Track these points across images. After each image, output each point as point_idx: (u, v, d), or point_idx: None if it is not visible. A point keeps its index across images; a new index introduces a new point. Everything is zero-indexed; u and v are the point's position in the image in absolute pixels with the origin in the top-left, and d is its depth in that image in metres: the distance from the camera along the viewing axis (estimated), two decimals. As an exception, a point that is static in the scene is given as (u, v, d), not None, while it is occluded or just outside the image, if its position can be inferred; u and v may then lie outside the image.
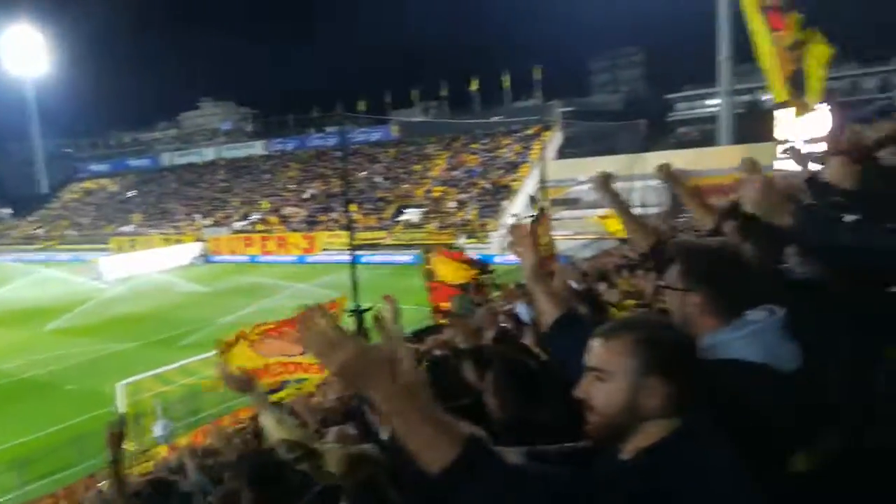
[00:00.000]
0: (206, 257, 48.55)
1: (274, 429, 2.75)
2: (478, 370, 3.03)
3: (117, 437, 3.12)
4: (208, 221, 55.13)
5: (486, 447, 1.20)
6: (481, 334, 3.53)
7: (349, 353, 1.16)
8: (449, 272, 9.17)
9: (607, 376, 1.37)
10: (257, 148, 65.98)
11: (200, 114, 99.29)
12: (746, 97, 64.14)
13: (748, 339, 1.64)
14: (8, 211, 71.98)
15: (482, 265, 9.89)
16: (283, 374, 9.06)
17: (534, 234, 2.48)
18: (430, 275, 9.24)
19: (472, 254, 12.49)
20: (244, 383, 2.95)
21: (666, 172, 3.27)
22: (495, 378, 2.58)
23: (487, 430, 1.70)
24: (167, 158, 71.88)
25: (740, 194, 1.80)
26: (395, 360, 1.18)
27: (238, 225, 53.02)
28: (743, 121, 51.25)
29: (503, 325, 5.10)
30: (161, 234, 54.66)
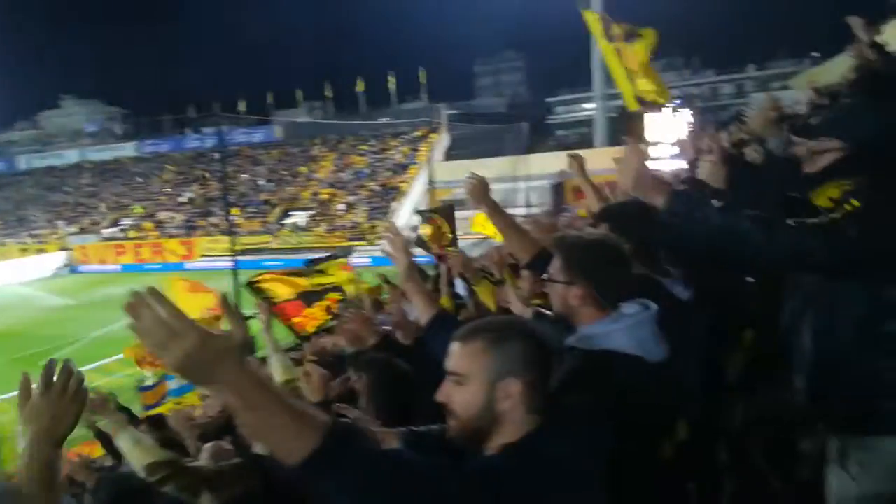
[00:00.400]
0: (71, 267, 44.92)
1: (131, 451, 2.58)
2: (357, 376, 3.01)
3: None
4: (73, 229, 50.99)
5: (349, 435, 1.15)
6: (364, 339, 3.49)
7: (191, 343, 1.06)
8: (282, 288, 9.09)
9: (464, 380, 1.38)
10: (128, 150, 61.80)
11: (62, 113, 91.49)
12: (619, 101, 68.00)
13: (624, 331, 1.75)
14: None
15: (307, 266, 9.77)
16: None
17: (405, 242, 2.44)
18: (268, 301, 9.08)
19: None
20: (96, 404, 2.76)
21: (579, 165, 3.71)
22: (367, 384, 2.57)
23: None
24: (25, 161, 65.78)
25: (618, 176, 1.89)
26: (244, 347, 1.13)
27: (108, 232, 49.47)
28: (616, 124, 54.40)
29: (386, 327, 5.08)
30: (19, 243, 49.95)
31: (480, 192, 2.68)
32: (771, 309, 2.96)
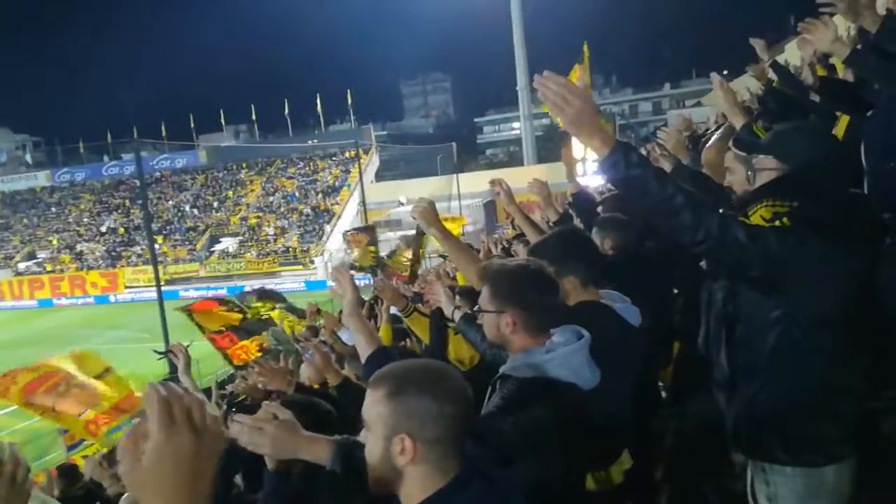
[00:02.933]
0: (-18, 305, 42.09)
1: None
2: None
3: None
4: (-18, 264, 47.91)
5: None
6: (290, 379, 3.37)
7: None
8: (211, 321, 8.94)
9: (368, 426, 1.35)
10: (40, 179, 58.69)
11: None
12: (546, 120, 69.95)
13: (558, 359, 1.77)
14: None
15: (234, 301, 9.69)
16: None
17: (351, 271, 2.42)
18: (201, 330, 8.91)
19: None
20: None
21: (506, 192, 3.74)
22: None
23: None
24: (-75, 193, 61.43)
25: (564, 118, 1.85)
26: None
27: (22, 266, 46.72)
28: (544, 142, 55.74)
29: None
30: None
31: (430, 215, 2.64)
32: (693, 322, 3.09)
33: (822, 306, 1.84)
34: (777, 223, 1.89)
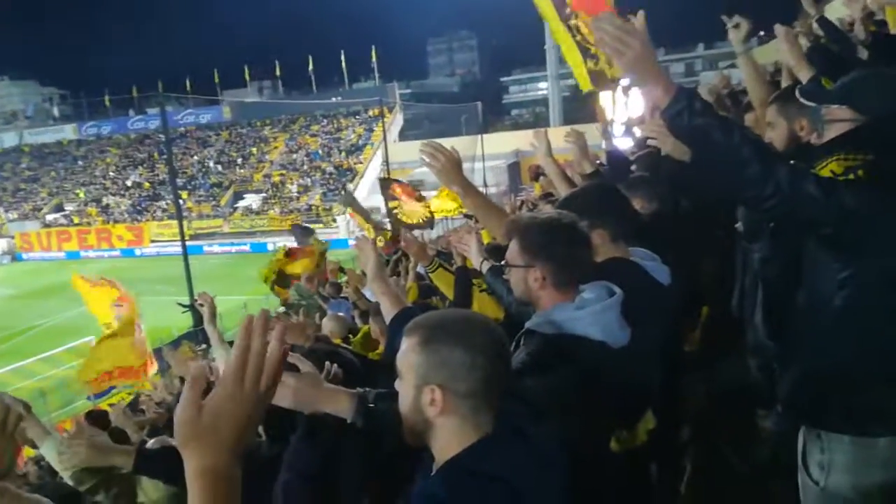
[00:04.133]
0: (13, 255, 43.13)
1: (56, 459, 2.43)
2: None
3: None
4: (13, 215, 48.89)
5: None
6: (307, 333, 3.39)
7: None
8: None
9: (401, 375, 1.33)
10: (67, 132, 59.34)
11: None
12: (573, 81, 68.56)
13: (588, 317, 1.70)
14: None
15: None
16: (111, 379, 8.45)
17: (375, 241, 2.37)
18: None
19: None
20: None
21: (546, 144, 3.58)
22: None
23: None
24: (-45, 145, 62.55)
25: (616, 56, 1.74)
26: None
27: (50, 217, 47.61)
28: (571, 103, 54.82)
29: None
30: (-47, 231, 47.70)
31: (452, 170, 2.48)
32: (724, 285, 3.02)
33: None
34: (851, 176, 1.76)
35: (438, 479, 1.23)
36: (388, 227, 12.84)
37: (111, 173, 52.13)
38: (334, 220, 38.76)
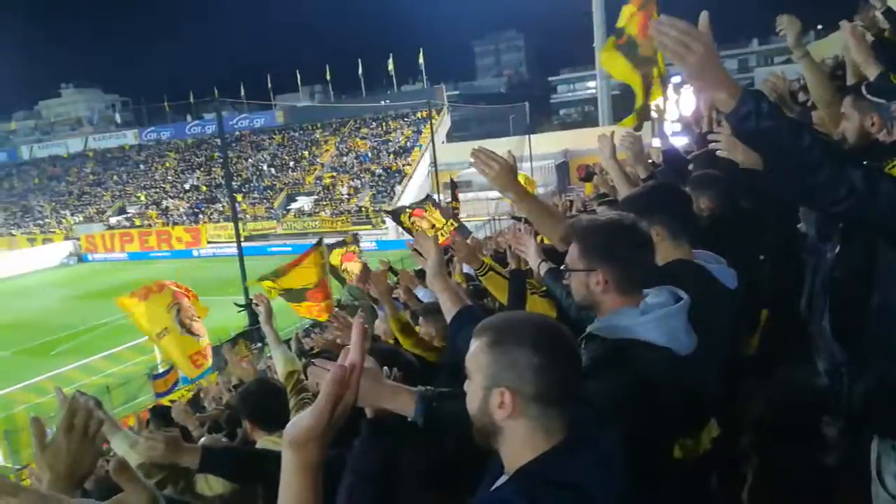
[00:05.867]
0: (79, 256, 45.07)
1: (127, 454, 2.53)
2: None
3: None
4: (79, 218, 51.11)
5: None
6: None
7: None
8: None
9: (470, 375, 1.31)
10: (129, 138, 61.65)
11: (62, 102, 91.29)
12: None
13: (653, 322, 1.64)
14: None
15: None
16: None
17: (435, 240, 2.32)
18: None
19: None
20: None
21: (611, 146, 3.52)
22: None
23: None
24: (27, 151, 65.73)
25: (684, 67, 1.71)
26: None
27: (113, 220, 49.56)
28: (620, 101, 53.89)
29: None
30: (26, 233, 50.13)
31: (506, 177, 2.38)
32: (786, 289, 2.93)
33: None
34: None
35: (513, 487, 1.20)
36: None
37: (170, 177, 53.91)
38: (383, 222, 39.14)
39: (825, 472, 2.06)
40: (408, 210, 11.44)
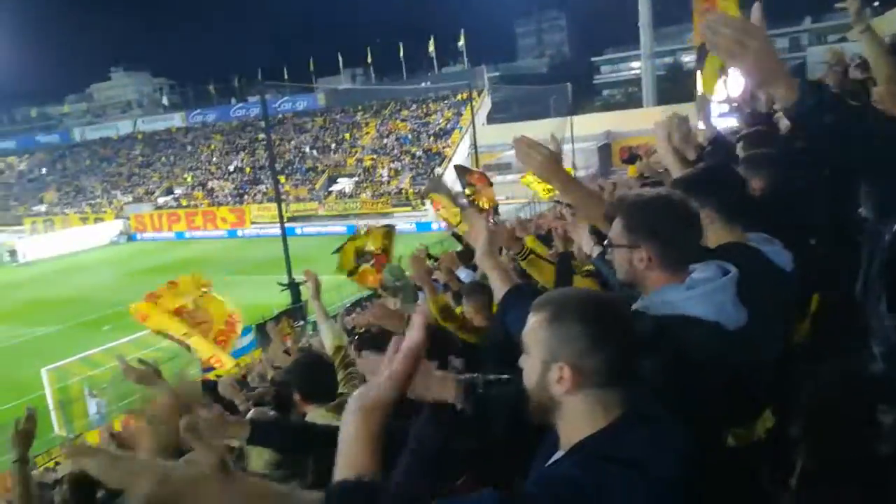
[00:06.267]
0: (129, 235, 46.51)
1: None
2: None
3: (26, 435, 2.83)
4: (128, 198, 52.65)
5: None
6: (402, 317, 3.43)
7: (151, 484, 1.00)
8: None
9: (527, 350, 1.30)
10: (176, 120, 63.06)
11: (112, 85, 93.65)
12: (668, 59, 65.91)
13: (700, 297, 1.60)
14: None
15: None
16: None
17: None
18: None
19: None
20: (146, 376, 2.69)
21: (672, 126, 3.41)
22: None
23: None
24: (78, 133, 67.82)
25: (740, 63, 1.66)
26: (208, 480, 1.02)
27: (161, 200, 50.90)
28: (665, 82, 52.71)
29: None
30: (78, 213, 51.91)
31: (551, 167, 2.26)
32: (838, 272, 2.86)
33: None
34: None
35: (572, 461, 1.20)
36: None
37: (215, 159, 55.00)
38: (423, 204, 39.26)
39: (879, 462, 2.01)
40: (473, 175, 11.28)
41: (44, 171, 63.15)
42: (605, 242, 1.84)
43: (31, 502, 2.91)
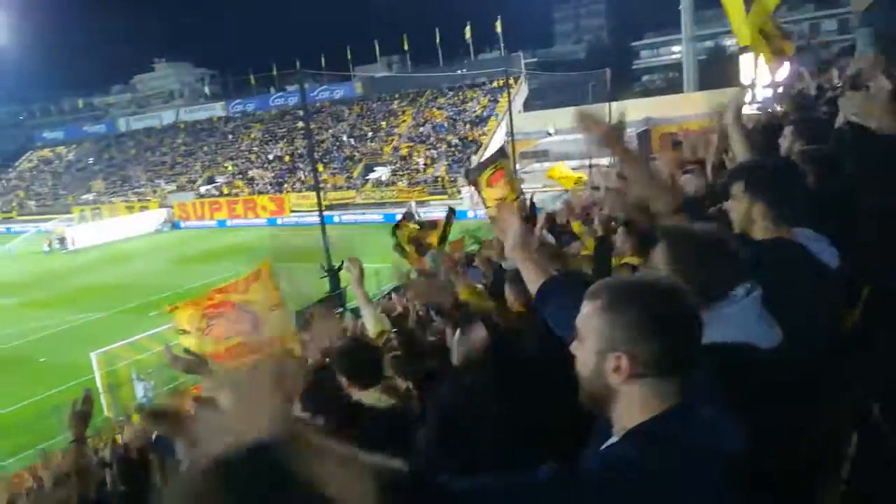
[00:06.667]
0: (173, 223, 47.66)
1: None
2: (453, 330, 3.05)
3: (83, 416, 2.87)
4: (172, 187, 53.89)
5: None
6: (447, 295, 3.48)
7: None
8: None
9: (582, 338, 1.28)
10: (217, 110, 64.20)
11: (155, 76, 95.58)
12: (709, 43, 64.28)
13: (725, 321, 1.59)
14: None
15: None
16: (245, 354, 8.98)
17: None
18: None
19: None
20: (193, 365, 2.77)
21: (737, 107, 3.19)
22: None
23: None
24: (124, 123, 69.60)
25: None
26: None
27: (203, 189, 51.96)
28: (707, 67, 51.45)
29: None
30: (124, 201, 53.37)
31: (613, 138, 2.29)
32: (891, 263, 2.80)
33: None
34: None
35: (627, 443, 1.19)
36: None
37: (255, 147, 55.86)
38: (459, 192, 39.23)
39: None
40: (487, 172, 11.13)
41: (91, 160, 65.02)
42: (647, 264, 1.88)
43: (87, 480, 3.03)
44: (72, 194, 58.66)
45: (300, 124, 51.32)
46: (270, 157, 53.28)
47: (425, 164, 44.74)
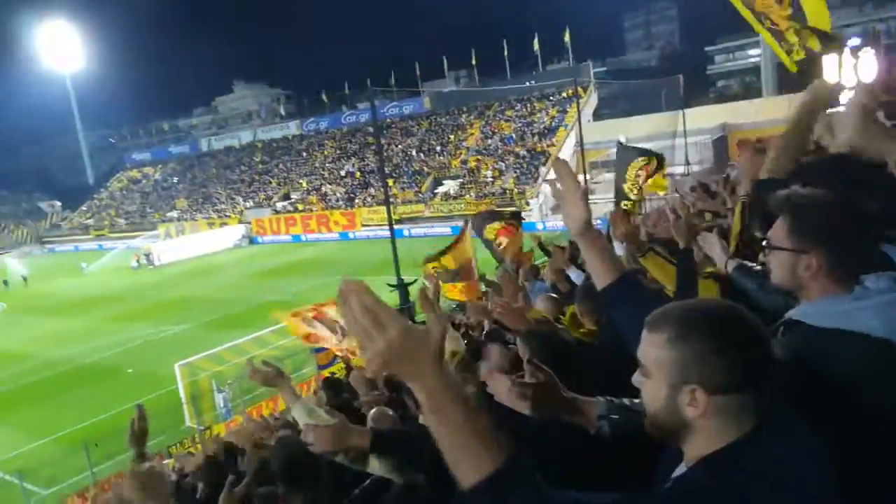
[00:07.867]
0: (250, 238, 49.53)
1: (304, 421, 2.58)
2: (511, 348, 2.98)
3: (141, 433, 2.88)
4: (249, 203, 56.03)
5: (527, 469, 1.04)
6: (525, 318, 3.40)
7: (394, 334, 1.00)
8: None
9: (648, 373, 1.20)
10: (292, 128, 66.46)
11: (234, 97, 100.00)
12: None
13: (872, 310, 1.43)
14: (58, 203, 74.64)
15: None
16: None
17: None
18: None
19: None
20: (270, 377, 2.78)
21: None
22: (531, 353, 2.48)
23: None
24: (205, 143, 73.06)
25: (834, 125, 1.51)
26: (441, 349, 1.04)
27: (279, 205, 53.78)
28: (786, 70, 49.21)
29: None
30: (206, 218, 55.88)
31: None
32: None
33: None
34: None
35: (702, 470, 1.14)
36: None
37: (328, 164, 57.41)
38: (527, 204, 39.04)
39: None
40: (496, 225, 10.75)
41: (175, 179, 68.51)
42: (765, 242, 1.66)
43: (156, 492, 3.10)
44: (157, 212, 61.92)
45: (371, 140, 52.43)
46: (342, 172, 54.62)
47: (493, 177, 44.76)
